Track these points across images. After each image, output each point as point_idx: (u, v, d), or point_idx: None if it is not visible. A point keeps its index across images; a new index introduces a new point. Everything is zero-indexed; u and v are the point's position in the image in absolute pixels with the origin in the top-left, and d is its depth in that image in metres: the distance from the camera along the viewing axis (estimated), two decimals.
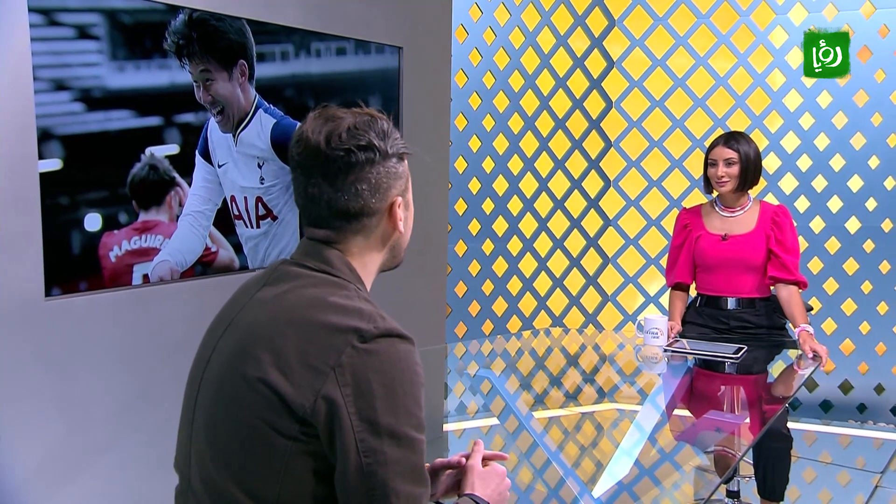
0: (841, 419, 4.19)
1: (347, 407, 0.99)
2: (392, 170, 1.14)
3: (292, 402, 1.01)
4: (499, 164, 4.41)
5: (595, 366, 4.18)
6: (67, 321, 2.19)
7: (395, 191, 1.15)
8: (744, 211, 2.66)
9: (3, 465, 2.10)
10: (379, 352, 1.02)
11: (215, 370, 1.11)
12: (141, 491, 2.42)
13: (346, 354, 1.01)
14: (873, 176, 4.08)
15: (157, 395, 2.43)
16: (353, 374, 1.00)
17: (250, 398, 1.03)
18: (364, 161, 1.11)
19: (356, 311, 1.06)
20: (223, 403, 1.07)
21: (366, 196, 1.12)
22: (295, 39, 2.74)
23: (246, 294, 1.18)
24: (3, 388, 2.07)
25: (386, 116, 1.18)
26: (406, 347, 1.05)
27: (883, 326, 4.15)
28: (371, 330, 1.03)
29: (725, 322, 2.65)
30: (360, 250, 1.16)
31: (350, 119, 1.13)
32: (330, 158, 1.10)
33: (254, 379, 1.03)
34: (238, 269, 2.65)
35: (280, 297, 1.11)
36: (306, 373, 1.01)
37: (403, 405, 1.02)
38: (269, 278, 1.16)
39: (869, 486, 3.33)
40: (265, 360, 1.03)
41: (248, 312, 1.12)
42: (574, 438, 3.86)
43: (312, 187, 1.12)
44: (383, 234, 1.17)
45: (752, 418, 2.38)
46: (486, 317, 4.44)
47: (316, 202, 1.13)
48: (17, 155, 2.04)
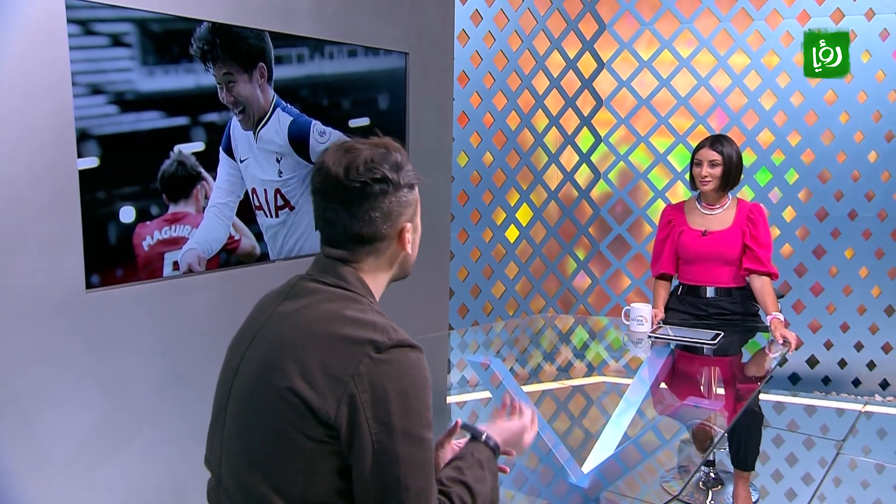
0: (807, 391, 4.21)
1: (365, 411, 1.00)
2: (403, 199, 1.15)
3: (317, 408, 1.01)
4: (497, 159, 4.39)
5: (585, 343, 4.19)
6: (107, 311, 2.20)
7: (405, 217, 1.16)
8: (723, 209, 2.65)
9: (53, 439, 2.12)
10: (392, 361, 1.03)
11: (245, 381, 1.12)
12: (176, 460, 2.44)
13: (363, 364, 1.02)
14: (841, 170, 4.07)
15: (189, 375, 2.44)
16: (370, 382, 1.01)
17: (279, 406, 1.04)
18: (378, 192, 1.11)
19: (371, 324, 1.06)
20: (254, 410, 1.08)
21: (378, 223, 1.13)
22: (309, 44, 2.72)
23: (266, 309, 1.18)
24: (51, 373, 2.09)
25: (401, 147, 1.17)
26: (416, 356, 1.06)
27: (846, 307, 4.15)
28: (385, 342, 1.04)
29: (704, 309, 2.65)
30: (371, 268, 1.17)
31: (367, 152, 1.12)
32: (347, 189, 1.11)
33: (282, 388, 1.04)
34: (259, 256, 2.65)
35: (301, 311, 1.11)
36: (329, 382, 1.02)
37: (415, 408, 1.03)
38: (288, 293, 1.17)
39: (832, 452, 3.35)
40: (291, 370, 1.04)
41: (272, 326, 1.13)
42: (565, 408, 3.88)
43: (331, 212, 1.13)
44: (393, 254, 1.18)
45: (726, 396, 2.40)
46: (485, 299, 4.45)
47: (333, 226, 1.14)
48: (58, 155, 2.04)
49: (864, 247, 4.09)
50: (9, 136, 1.93)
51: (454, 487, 1.10)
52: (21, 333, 2.00)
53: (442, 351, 3.61)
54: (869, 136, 3.99)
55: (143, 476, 2.35)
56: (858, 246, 4.09)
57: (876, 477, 3.11)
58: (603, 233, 4.51)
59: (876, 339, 4.13)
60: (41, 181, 2.00)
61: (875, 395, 4.13)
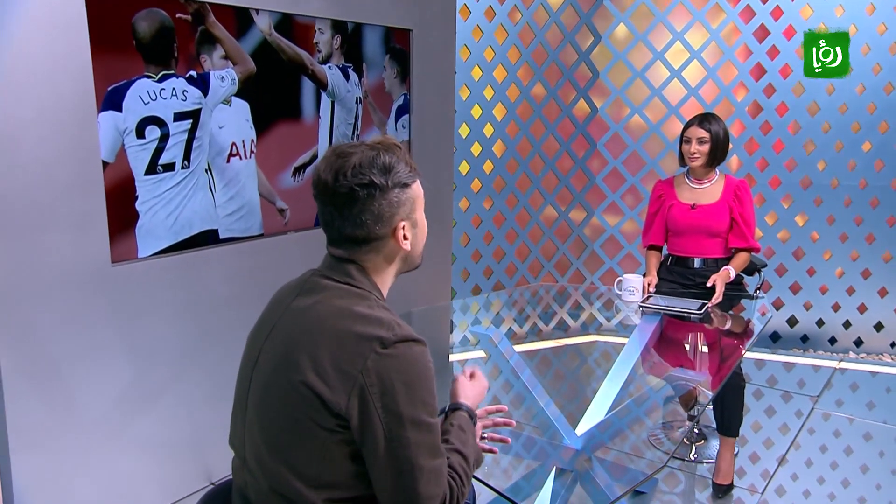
0: (787, 348, 4.26)
1: (374, 402, 1.03)
2: (395, 199, 1.14)
3: (329, 400, 1.04)
4: (497, 130, 4.35)
5: (580, 305, 4.24)
6: (130, 283, 2.23)
7: (398, 217, 1.15)
8: (710, 183, 2.64)
9: (88, 400, 2.17)
10: (398, 355, 1.05)
11: (263, 373, 1.14)
12: (199, 418, 2.50)
13: (370, 359, 1.04)
14: (825, 140, 4.04)
15: (208, 340, 2.49)
16: (378, 375, 1.04)
17: (294, 398, 1.06)
18: (366, 196, 1.11)
19: (377, 320, 1.08)
20: (272, 401, 1.10)
21: (369, 225, 1.13)
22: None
23: (282, 302, 1.19)
24: (83, 340, 2.13)
25: (396, 146, 1.16)
26: (419, 349, 1.08)
27: (825, 270, 4.17)
28: (390, 337, 1.06)
29: (692, 279, 2.67)
30: (373, 265, 1.18)
31: (357, 157, 1.12)
32: (336, 194, 1.12)
33: (297, 382, 1.06)
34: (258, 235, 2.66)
35: (313, 307, 1.13)
36: (339, 376, 1.04)
37: (420, 397, 1.05)
38: (302, 288, 1.18)
39: (808, 405, 3.42)
40: (305, 365, 1.06)
41: (287, 321, 1.14)
42: (561, 364, 3.94)
43: (327, 215, 1.15)
44: (391, 251, 1.18)
45: (711, 362, 2.44)
46: (485, 263, 4.47)
47: (330, 226, 1.16)
48: (83, 147, 2.04)
49: (844, 214, 4.08)
50: (37, 121, 1.93)
51: (452, 457, 1.14)
52: (55, 305, 2.04)
53: (444, 316, 3.65)
54: (852, 107, 3.95)
55: (169, 431, 2.42)
56: (839, 213, 4.09)
57: (847, 428, 3.18)
58: (597, 200, 4.51)
59: (852, 300, 4.17)
60: (68, 163, 2.01)
61: (849, 352, 4.19)
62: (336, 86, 2.81)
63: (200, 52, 2.28)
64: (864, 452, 2.98)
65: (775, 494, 2.62)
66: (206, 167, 2.35)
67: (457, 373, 1.37)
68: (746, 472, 2.76)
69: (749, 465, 2.82)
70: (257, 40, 2.46)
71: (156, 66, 2.15)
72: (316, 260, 1.25)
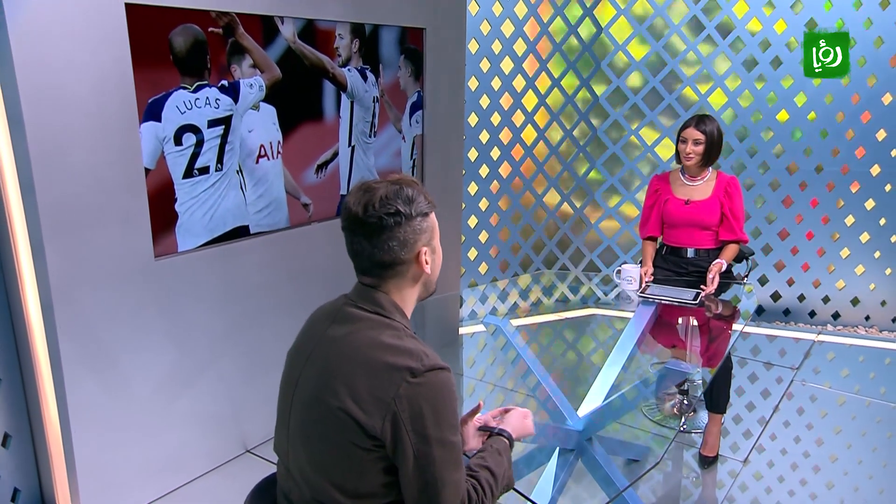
0: (770, 321, 4.31)
1: (405, 426, 1.08)
2: (417, 227, 1.18)
3: (365, 424, 1.09)
4: (504, 118, 4.33)
5: (580, 281, 4.28)
6: (172, 275, 2.28)
7: (421, 242, 1.19)
8: (703, 181, 2.65)
9: (137, 380, 2.24)
10: (426, 384, 1.10)
11: (304, 395, 1.18)
12: (236, 394, 2.58)
13: (402, 388, 1.09)
14: (811, 128, 4.01)
15: (243, 323, 2.55)
16: (409, 402, 1.09)
17: (333, 421, 1.11)
18: (393, 224, 1.15)
19: (407, 351, 1.12)
20: (312, 422, 1.15)
21: (396, 250, 1.17)
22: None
23: (317, 329, 1.23)
24: (131, 327, 2.19)
25: (414, 181, 1.20)
26: (445, 375, 1.13)
27: (808, 249, 4.19)
28: (419, 367, 1.10)
29: (685, 268, 2.70)
30: (397, 289, 1.21)
31: (383, 191, 1.16)
32: (366, 224, 1.15)
33: (335, 408, 1.11)
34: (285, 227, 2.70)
35: (346, 337, 1.16)
36: (374, 402, 1.09)
37: (446, 419, 1.10)
38: (336, 317, 1.21)
39: (789, 375, 3.48)
40: (343, 392, 1.11)
41: (323, 348, 1.18)
42: (561, 336, 4.00)
43: (356, 244, 1.18)
44: (414, 275, 1.21)
45: (701, 342, 2.49)
46: (492, 243, 4.50)
47: (359, 255, 1.19)
48: (127, 155, 2.07)
49: (827, 197, 4.08)
50: (86, 132, 1.96)
51: (480, 472, 1.20)
52: (105, 296, 2.10)
53: (453, 300, 3.69)
54: (838, 97, 3.91)
55: (210, 405, 2.50)
56: (822, 196, 4.09)
57: (823, 394, 3.26)
58: (597, 183, 4.51)
59: (831, 277, 4.19)
60: (114, 169, 2.04)
61: (828, 325, 4.23)
62: (355, 87, 2.81)
63: (231, 63, 2.28)
64: (837, 417, 3.06)
65: (756, 452, 2.71)
66: (238, 169, 2.38)
67: (512, 405, 1.43)
68: (730, 432, 2.84)
69: (733, 426, 2.91)
70: (282, 48, 2.46)
71: (191, 78, 2.16)
72: (336, 248, 1.26)
